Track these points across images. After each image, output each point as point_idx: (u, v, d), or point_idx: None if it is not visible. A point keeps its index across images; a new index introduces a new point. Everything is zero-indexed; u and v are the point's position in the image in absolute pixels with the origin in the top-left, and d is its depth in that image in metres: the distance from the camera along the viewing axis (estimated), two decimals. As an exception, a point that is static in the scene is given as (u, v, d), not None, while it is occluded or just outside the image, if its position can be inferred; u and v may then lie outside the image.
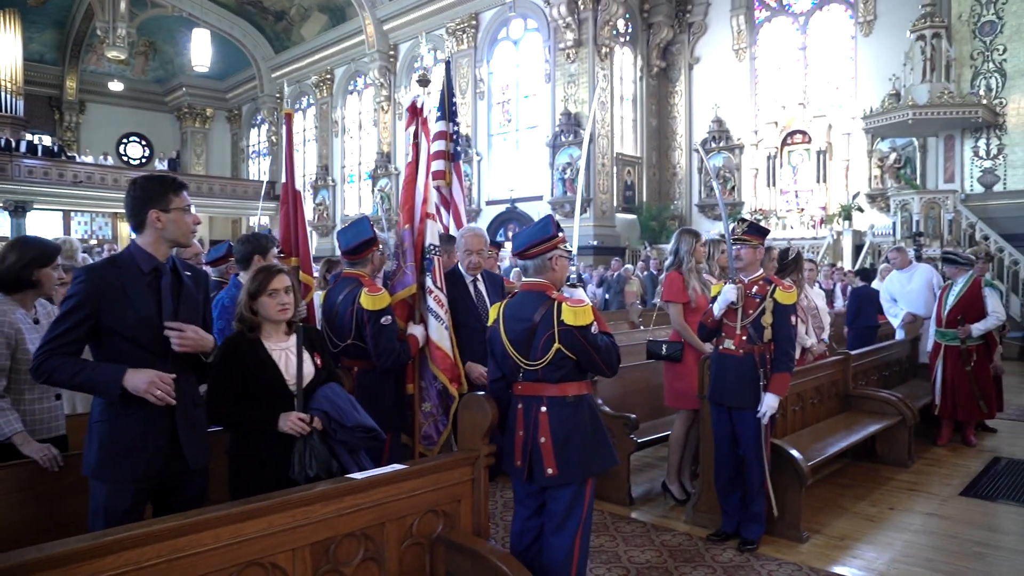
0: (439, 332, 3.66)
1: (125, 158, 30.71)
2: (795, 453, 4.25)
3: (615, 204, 18.14)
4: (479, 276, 4.40)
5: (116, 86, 27.63)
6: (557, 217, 15.60)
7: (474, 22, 20.22)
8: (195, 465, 2.68)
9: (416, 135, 3.85)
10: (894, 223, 12.93)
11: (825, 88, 16.45)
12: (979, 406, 6.37)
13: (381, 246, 3.88)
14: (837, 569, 3.84)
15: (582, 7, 17.22)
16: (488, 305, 4.15)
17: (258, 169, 30.64)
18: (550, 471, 2.88)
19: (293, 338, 2.97)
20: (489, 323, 3.10)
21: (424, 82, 3.87)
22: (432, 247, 3.69)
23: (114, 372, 2.47)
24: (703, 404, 4.48)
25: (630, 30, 18.51)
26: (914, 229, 11.55)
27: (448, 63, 4.81)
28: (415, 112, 3.85)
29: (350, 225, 3.77)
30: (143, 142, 31.49)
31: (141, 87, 30.56)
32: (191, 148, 31.06)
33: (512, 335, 2.96)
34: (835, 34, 16.38)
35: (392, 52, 23.03)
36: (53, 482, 2.87)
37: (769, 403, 4.00)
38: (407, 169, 3.86)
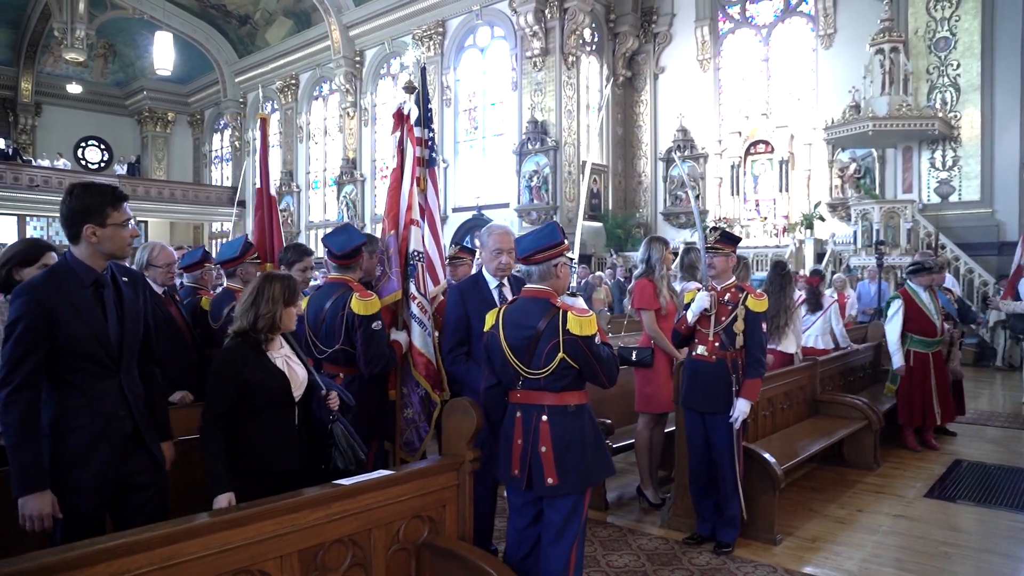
0: (422, 339, 3.66)
1: (83, 162, 30.04)
2: (768, 457, 4.34)
3: (582, 212, 18.24)
4: (506, 282, 3.74)
5: (74, 88, 27.04)
6: (524, 225, 15.55)
7: (441, 29, 20.23)
8: (161, 460, 2.68)
9: (401, 141, 3.85)
10: (855, 232, 13.23)
11: (787, 99, 16.77)
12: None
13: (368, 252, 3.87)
14: (810, 570, 3.93)
15: (549, 16, 17.34)
16: None
17: (221, 174, 30.23)
18: (550, 481, 2.84)
19: (287, 345, 2.98)
20: (486, 328, 3.05)
21: (410, 89, 3.88)
22: (416, 253, 3.70)
23: (31, 480, 2.34)
24: (677, 410, 4.55)
25: (596, 39, 18.69)
26: (875, 238, 11.83)
27: (423, 69, 4.82)
28: (400, 118, 3.85)
29: (339, 230, 3.75)
30: (102, 146, 30.82)
31: (100, 90, 29.92)
32: (152, 152, 30.50)
33: (513, 342, 2.91)
34: (797, 46, 16.72)
35: (358, 58, 22.92)
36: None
37: (741, 408, 4.08)
38: (392, 175, 3.87)
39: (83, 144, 30.43)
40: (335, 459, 2.84)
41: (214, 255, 5.42)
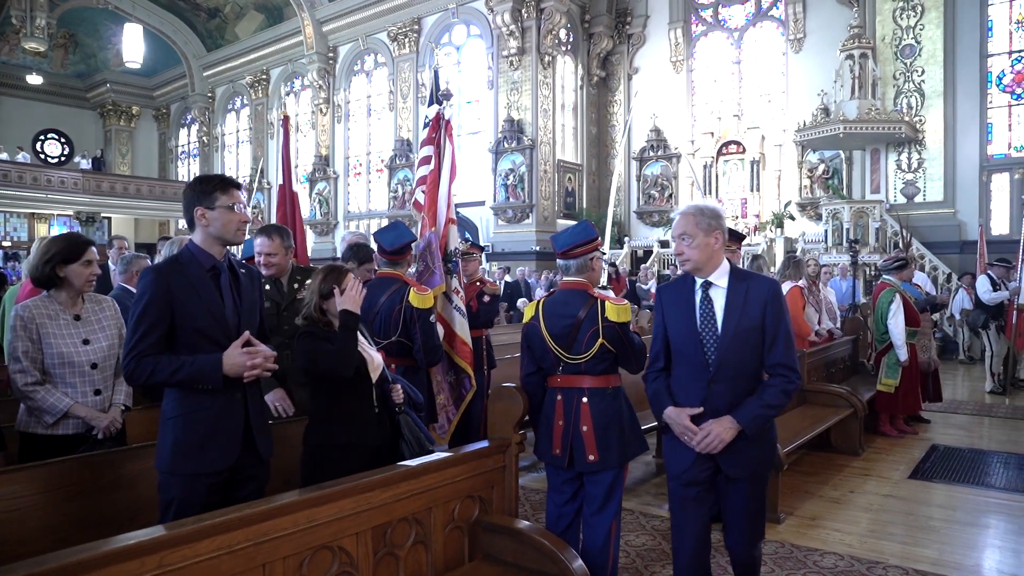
0: (462, 326, 3.89)
1: (43, 155, 29.39)
2: (772, 441, 4.62)
3: (556, 210, 18.53)
4: (715, 280, 2.82)
5: (35, 79, 26.41)
6: (500, 223, 15.69)
7: (416, 27, 20.32)
8: (265, 455, 2.77)
9: (439, 143, 4.03)
10: (826, 231, 13.73)
11: (758, 101, 17.29)
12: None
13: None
14: (816, 545, 4.22)
15: (525, 16, 17.58)
16: (719, 323, 2.78)
17: (187, 170, 29.83)
18: (592, 457, 3.09)
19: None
20: (525, 320, 3.29)
21: (447, 96, 4.07)
22: (456, 251, 3.90)
23: (213, 361, 2.52)
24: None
25: (572, 39, 18.96)
26: (847, 237, 12.30)
27: (436, 72, 4.99)
28: (438, 122, 4.04)
29: (389, 227, 3.90)
30: (62, 139, 30.19)
31: (60, 81, 29.24)
32: (115, 147, 29.98)
33: (554, 331, 3.14)
34: (768, 50, 17.25)
35: (331, 54, 22.87)
36: (92, 479, 2.90)
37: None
38: (429, 176, 4.05)
39: (42, 137, 29.75)
40: (402, 450, 3.03)
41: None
